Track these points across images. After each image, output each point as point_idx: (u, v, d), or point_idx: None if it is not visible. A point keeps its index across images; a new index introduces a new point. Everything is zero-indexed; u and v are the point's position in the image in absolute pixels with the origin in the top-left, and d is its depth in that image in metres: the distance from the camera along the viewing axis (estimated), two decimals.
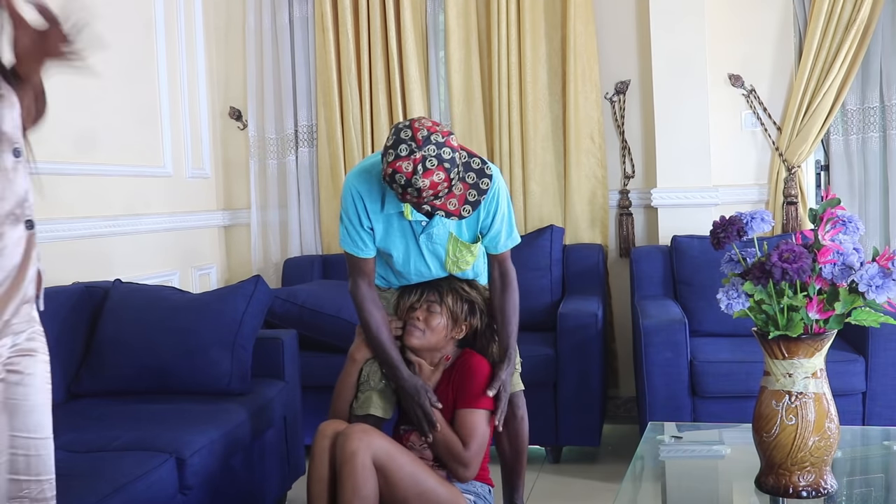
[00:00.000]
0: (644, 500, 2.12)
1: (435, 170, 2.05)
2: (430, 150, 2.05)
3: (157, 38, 3.82)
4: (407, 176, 2.04)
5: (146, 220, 3.68)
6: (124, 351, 2.81)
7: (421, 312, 2.39)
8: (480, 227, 2.38)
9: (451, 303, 2.41)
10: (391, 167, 2.06)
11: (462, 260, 2.44)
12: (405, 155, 2.05)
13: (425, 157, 2.05)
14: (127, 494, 2.04)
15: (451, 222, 2.35)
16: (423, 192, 2.05)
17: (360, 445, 2.12)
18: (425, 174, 2.04)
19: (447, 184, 2.08)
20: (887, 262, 1.71)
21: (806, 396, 1.80)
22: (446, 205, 2.11)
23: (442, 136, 2.08)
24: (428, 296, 2.41)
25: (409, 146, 2.06)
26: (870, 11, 3.59)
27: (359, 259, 2.37)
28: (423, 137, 2.06)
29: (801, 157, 3.77)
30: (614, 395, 3.99)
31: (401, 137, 2.08)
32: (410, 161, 2.05)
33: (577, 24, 3.87)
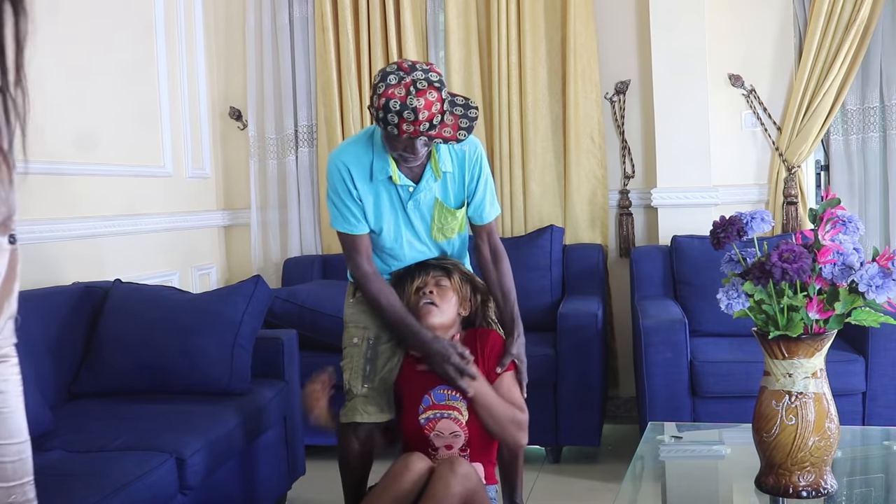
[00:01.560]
0: (644, 500, 2.12)
1: (427, 89, 2.10)
2: (418, 74, 2.11)
3: (157, 38, 3.82)
4: (401, 100, 2.08)
5: (146, 220, 3.68)
6: (124, 351, 2.81)
7: (432, 287, 2.37)
8: (466, 193, 2.42)
9: (458, 279, 2.43)
10: (384, 97, 2.10)
11: (447, 227, 2.46)
12: (395, 82, 2.10)
13: (415, 80, 2.10)
14: (127, 494, 2.04)
15: (437, 186, 2.38)
16: (419, 112, 2.08)
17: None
18: (418, 94, 2.09)
19: (440, 106, 2.12)
20: (887, 262, 1.71)
21: (806, 396, 1.80)
22: (442, 132, 2.15)
23: (426, 65, 2.16)
24: (434, 273, 2.41)
25: (397, 75, 2.11)
26: (870, 11, 3.59)
27: (353, 237, 2.38)
28: (408, 66, 2.13)
29: (801, 157, 3.77)
30: (614, 395, 3.99)
31: (387, 70, 2.13)
32: (402, 86, 2.09)
33: (577, 24, 3.87)
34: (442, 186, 2.40)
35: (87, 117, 3.33)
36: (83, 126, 3.30)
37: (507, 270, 2.50)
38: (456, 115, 2.17)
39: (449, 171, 2.38)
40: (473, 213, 2.47)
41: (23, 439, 1.35)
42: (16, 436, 1.33)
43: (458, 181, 2.41)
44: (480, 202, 2.45)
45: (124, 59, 3.60)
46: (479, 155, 2.42)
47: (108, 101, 3.45)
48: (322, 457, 3.45)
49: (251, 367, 2.86)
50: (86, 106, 3.32)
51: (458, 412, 2.35)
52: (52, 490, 1.94)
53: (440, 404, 2.35)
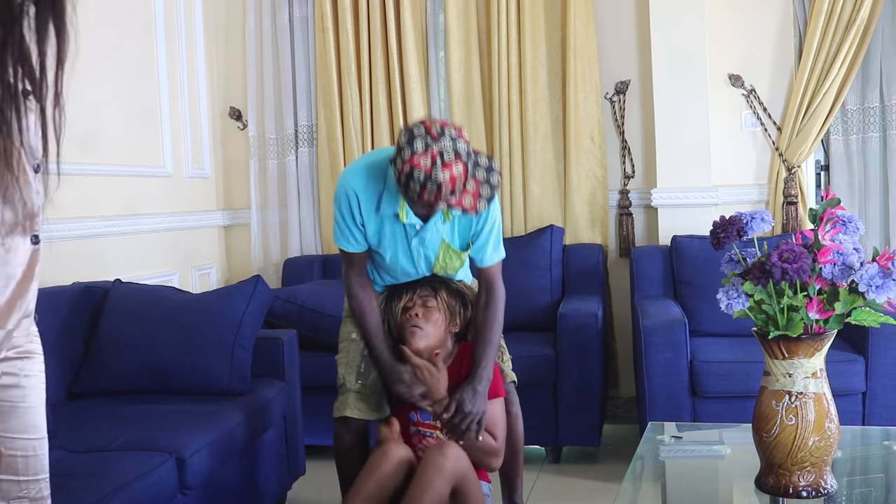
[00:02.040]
0: (644, 500, 2.12)
1: (453, 162, 2.03)
2: (446, 143, 2.04)
3: (157, 38, 3.82)
4: (426, 171, 2.02)
5: (146, 220, 3.68)
6: (124, 351, 2.81)
7: (418, 309, 2.36)
8: (472, 234, 2.38)
9: (445, 296, 2.40)
10: (408, 164, 2.03)
11: (450, 265, 2.44)
12: (422, 150, 2.02)
13: (442, 151, 2.03)
14: (127, 494, 2.04)
15: (445, 228, 2.35)
16: (443, 186, 2.03)
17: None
18: (444, 167, 2.02)
19: (464, 176, 2.06)
20: (887, 262, 1.71)
21: (806, 396, 1.80)
22: (462, 201, 2.09)
23: (455, 131, 2.07)
24: (421, 291, 2.39)
25: (424, 141, 2.03)
26: (870, 11, 3.59)
27: (350, 253, 2.39)
28: (437, 132, 2.04)
29: (801, 157, 3.77)
30: (614, 395, 3.99)
31: (414, 134, 2.05)
32: (428, 156, 2.02)
33: (577, 24, 3.87)
34: (450, 227, 2.36)
35: (87, 117, 3.32)
36: (83, 126, 3.29)
37: (493, 317, 2.39)
38: (478, 180, 2.11)
39: (458, 214, 2.33)
40: (475, 255, 2.41)
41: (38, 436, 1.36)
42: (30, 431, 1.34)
43: (465, 223, 2.36)
44: (482, 246, 2.38)
45: (124, 59, 3.60)
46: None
47: (108, 101, 3.45)
48: (322, 457, 3.45)
49: (251, 367, 2.86)
50: (86, 106, 3.31)
51: (441, 431, 2.36)
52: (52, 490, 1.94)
53: (425, 423, 2.36)
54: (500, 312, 2.42)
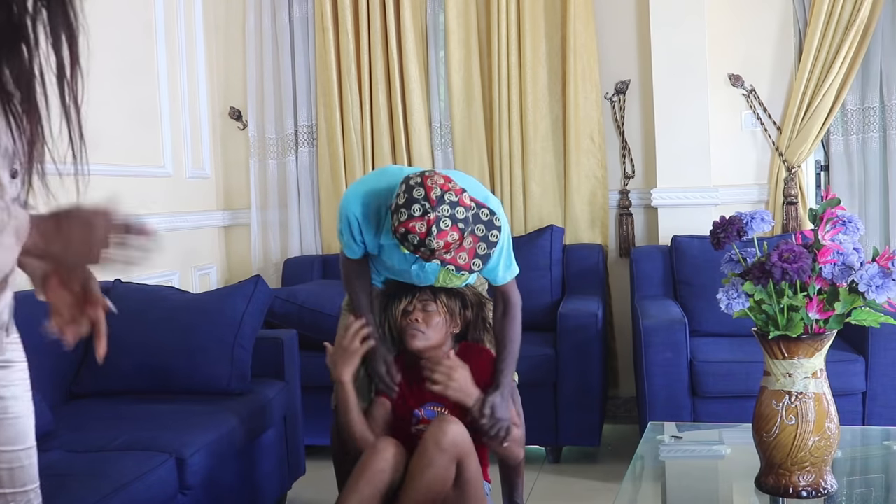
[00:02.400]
0: (644, 500, 2.12)
1: (449, 230, 2.02)
2: (444, 210, 2.02)
3: (157, 38, 3.82)
4: (420, 236, 2.01)
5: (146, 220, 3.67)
6: (124, 351, 2.80)
7: (418, 313, 2.37)
8: None
9: (444, 299, 2.40)
10: (403, 227, 2.02)
11: (450, 284, 2.45)
12: (418, 215, 2.01)
13: (439, 218, 2.01)
14: (127, 494, 2.04)
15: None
16: (437, 251, 2.03)
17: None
18: (439, 235, 2.01)
19: (459, 236, 2.05)
20: (887, 262, 1.71)
21: (806, 396, 1.80)
22: (456, 259, 2.08)
23: (455, 195, 2.05)
24: (420, 295, 2.40)
25: (422, 206, 2.01)
26: (870, 11, 3.59)
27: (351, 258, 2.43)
28: (436, 197, 2.02)
29: (801, 157, 3.77)
30: (614, 395, 3.99)
31: (413, 196, 2.03)
32: (424, 222, 2.01)
33: (577, 24, 3.87)
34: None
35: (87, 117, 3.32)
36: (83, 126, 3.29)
37: (512, 327, 2.40)
38: (476, 236, 2.10)
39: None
40: (488, 275, 2.41)
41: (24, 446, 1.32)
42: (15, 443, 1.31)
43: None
44: (494, 268, 2.36)
45: (124, 59, 3.60)
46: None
47: (108, 101, 3.45)
48: (322, 457, 3.45)
49: (251, 367, 2.86)
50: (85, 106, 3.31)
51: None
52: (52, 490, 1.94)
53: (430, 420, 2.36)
54: (517, 322, 2.42)
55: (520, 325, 2.43)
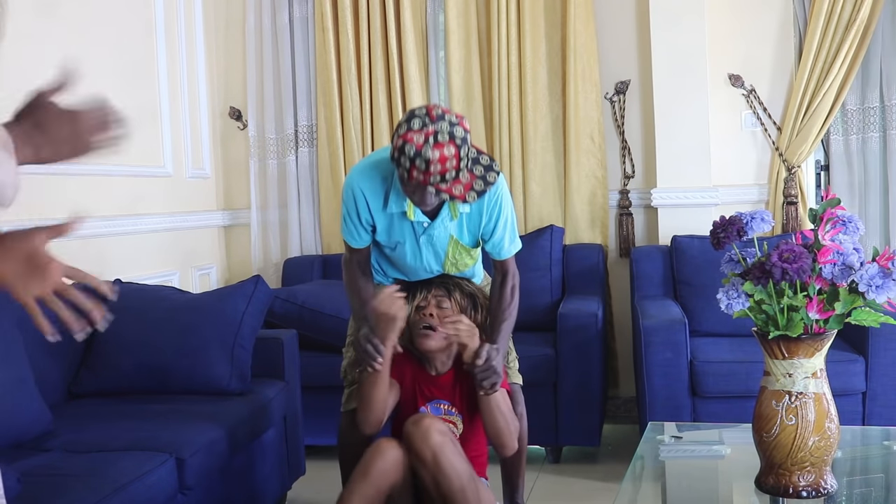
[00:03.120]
0: (644, 500, 2.12)
1: (446, 144, 2.03)
2: (443, 126, 2.04)
3: (157, 38, 3.82)
4: (417, 147, 2.03)
5: (146, 220, 3.68)
6: (124, 351, 2.81)
7: (432, 309, 2.34)
8: (482, 232, 2.38)
9: (458, 297, 2.39)
10: (402, 139, 2.05)
11: (461, 262, 2.45)
12: (417, 128, 2.04)
13: (437, 132, 2.03)
14: (127, 494, 2.04)
15: (453, 225, 2.35)
16: (431, 164, 2.03)
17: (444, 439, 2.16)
18: (436, 146, 2.02)
19: (456, 162, 2.05)
20: (887, 262, 1.71)
21: (806, 396, 1.80)
22: (452, 189, 2.09)
23: (456, 118, 2.08)
24: (435, 291, 2.38)
25: (422, 120, 2.05)
26: (870, 11, 3.59)
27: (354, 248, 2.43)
28: (437, 115, 2.06)
29: (801, 157, 3.77)
30: (614, 395, 3.99)
31: (414, 114, 2.08)
32: (422, 133, 2.03)
33: (577, 24, 3.87)
34: (458, 225, 2.36)
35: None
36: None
37: (508, 291, 2.43)
38: (473, 174, 2.13)
39: (466, 211, 2.34)
40: (492, 250, 2.43)
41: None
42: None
43: (475, 221, 2.36)
44: (500, 241, 2.39)
45: (124, 59, 3.60)
46: (499, 195, 2.35)
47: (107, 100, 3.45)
48: (322, 457, 3.45)
49: (251, 367, 2.86)
50: None
51: (454, 426, 2.36)
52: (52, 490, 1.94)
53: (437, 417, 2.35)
54: (517, 292, 2.45)
55: (518, 297, 2.45)
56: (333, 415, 3.15)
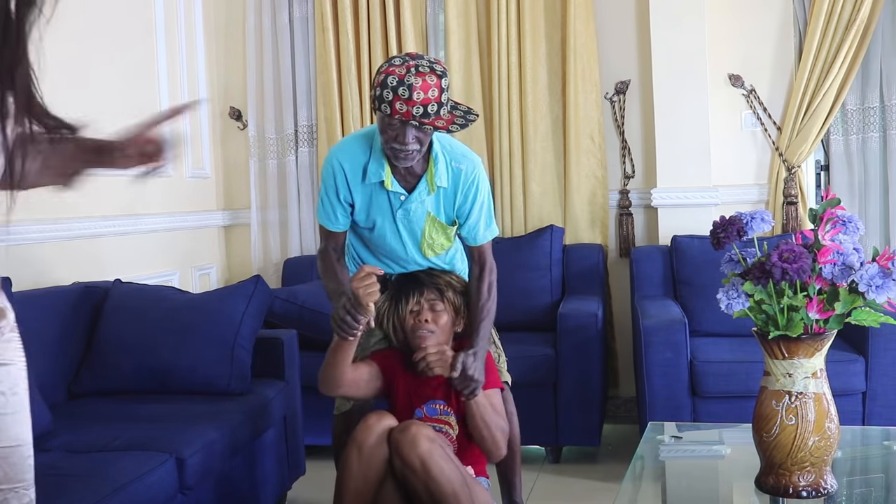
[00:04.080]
0: (644, 500, 2.12)
1: (427, 73, 2.08)
2: (423, 61, 2.11)
3: (157, 38, 3.82)
4: (399, 77, 2.07)
5: (146, 220, 3.68)
6: (124, 351, 2.81)
7: (427, 314, 2.35)
8: (457, 212, 2.40)
9: (451, 297, 2.41)
10: (383, 73, 2.10)
11: (437, 243, 2.45)
12: (398, 63, 2.10)
13: (418, 65, 2.09)
14: (127, 494, 2.04)
15: (430, 200, 2.35)
16: (415, 91, 2.06)
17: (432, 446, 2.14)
18: (418, 74, 2.07)
19: (438, 93, 2.09)
20: (887, 262, 1.71)
21: (806, 396, 1.80)
22: (434, 122, 2.12)
23: (433, 59, 2.15)
24: (427, 294, 2.39)
25: (402, 58, 2.12)
26: (870, 11, 3.59)
27: (329, 231, 2.42)
28: (415, 55, 2.14)
29: (801, 157, 3.77)
30: (614, 395, 3.99)
31: (393, 57, 2.16)
32: (404, 66, 2.09)
33: (577, 24, 3.87)
34: (435, 200, 2.37)
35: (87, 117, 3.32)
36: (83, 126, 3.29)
37: (485, 289, 2.42)
38: (454, 114, 2.17)
39: (444, 186, 2.34)
40: (467, 235, 2.44)
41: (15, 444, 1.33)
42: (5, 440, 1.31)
43: (451, 198, 2.37)
44: (475, 225, 2.41)
45: (124, 59, 3.60)
46: (475, 175, 2.36)
47: (108, 101, 3.45)
48: (322, 457, 3.45)
49: (251, 367, 2.86)
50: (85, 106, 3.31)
51: (450, 426, 2.36)
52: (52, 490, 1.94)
53: (432, 418, 2.36)
54: (494, 287, 2.45)
55: (496, 291, 2.45)
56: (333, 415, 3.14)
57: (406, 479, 2.16)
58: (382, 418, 2.23)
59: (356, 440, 2.21)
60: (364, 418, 2.25)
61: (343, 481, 2.21)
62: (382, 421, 2.22)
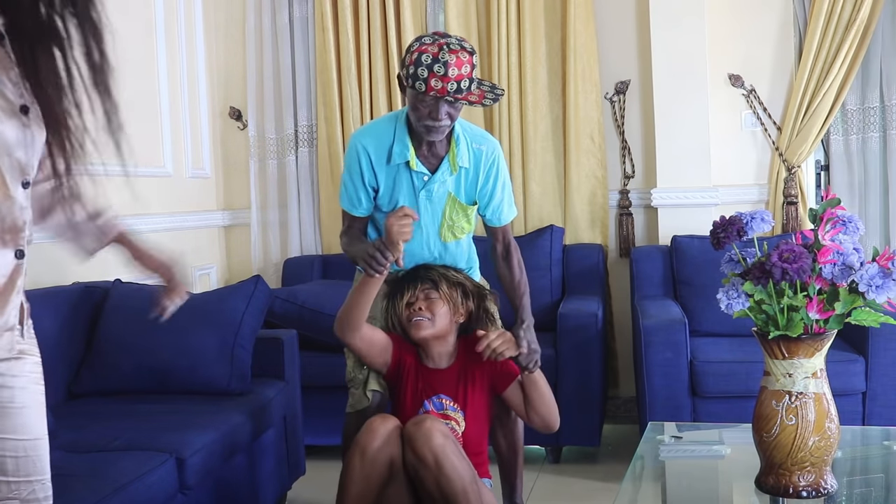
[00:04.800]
0: (644, 500, 2.12)
1: (460, 50, 2.14)
2: (452, 39, 2.17)
3: (157, 38, 3.82)
4: (433, 55, 2.13)
5: (146, 220, 3.67)
6: (124, 351, 2.81)
7: (421, 303, 2.38)
8: (479, 193, 2.45)
9: (446, 289, 2.42)
10: (416, 52, 2.15)
11: (457, 225, 2.49)
12: (429, 42, 2.16)
13: (448, 43, 2.15)
14: (127, 494, 2.04)
15: (451, 181, 2.40)
16: (449, 68, 2.12)
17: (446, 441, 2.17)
18: (451, 52, 2.13)
19: (469, 70, 2.15)
20: (887, 262, 1.71)
21: (806, 396, 1.80)
22: (468, 97, 2.19)
23: (460, 36, 2.22)
24: (422, 286, 2.41)
25: (432, 37, 2.18)
26: (870, 11, 3.59)
27: (352, 216, 2.48)
28: (443, 33, 2.20)
29: (801, 157, 3.77)
30: (614, 395, 3.99)
31: (422, 35, 2.21)
32: (435, 44, 2.15)
33: (577, 24, 3.87)
34: (456, 181, 2.43)
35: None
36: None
37: (516, 265, 2.55)
38: (483, 90, 2.23)
39: (465, 166, 2.40)
40: (491, 216, 2.51)
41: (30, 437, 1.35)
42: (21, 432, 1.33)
43: (472, 179, 2.44)
44: (499, 204, 2.49)
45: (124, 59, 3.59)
46: (495, 156, 2.45)
47: None
48: (322, 457, 3.45)
49: (251, 367, 2.86)
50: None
51: (456, 422, 2.37)
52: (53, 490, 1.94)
53: (438, 413, 2.37)
54: (522, 263, 2.57)
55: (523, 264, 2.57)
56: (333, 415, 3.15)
57: (417, 473, 2.18)
58: (386, 421, 2.24)
59: (359, 444, 2.21)
60: (368, 421, 2.26)
61: (345, 485, 2.22)
62: (386, 424, 2.23)
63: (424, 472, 2.15)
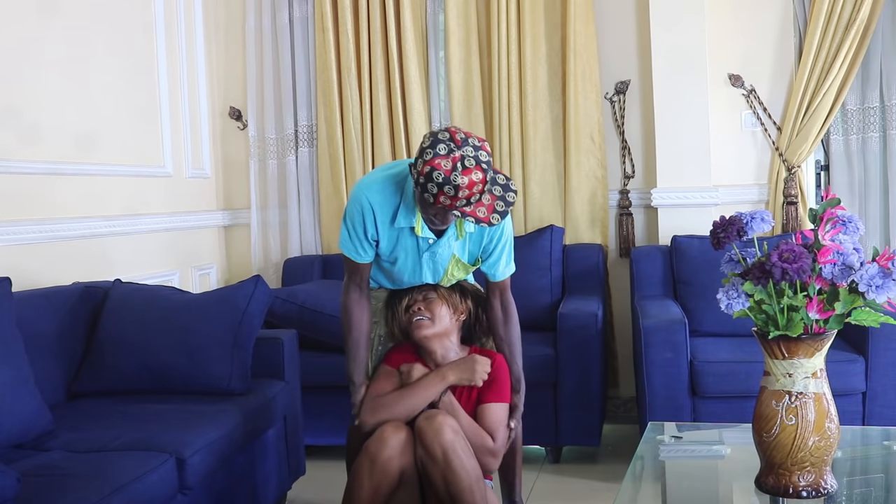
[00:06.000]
0: (644, 500, 2.12)
1: (473, 169, 2.05)
2: (469, 150, 2.06)
3: (157, 38, 3.82)
4: (445, 173, 2.03)
5: (146, 220, 3.68)
6: (124, 351, 2.81)
7: (420, 304, 2.41)
8: (482, 251, 2.42)
9: (444, 291, 2.45)
10: (429, 165, 2.04)
11: (456, 277, 2.49)
12: (444, 153, 2.04)
13: (464, 157, 2.05)
14: (127, 494, 2.04)
15: (456, 244, 2.38)
16: (461, 190, 2.04)
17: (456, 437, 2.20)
18: (464, 172, 2.04)
19: (482, 186, 2.07)
20: (887, 262, 1.71)
21: (806, 396, 1.80)
22: (476, 212, 2.11)
23: (478, 142, 2.10)
24: (421, 288, 2.45)
25: (447, 146, 2.06)
26: (870, 11, 3.59)
27: (355, 263, 2.40)
28: (461, 139, 2.07)
29: (801, 157, 3.77)
30: (614, 395, 3.99)
31: (438, 138, 2.08)
32: (449, 159, 2.04)
33: (577, 24, 3.87)
34: (461, 245, 2.40)
35: (87, 117, 3.33)
36: (83, 126, 3.30)
37: (514, 329, 2.52)
38: (494, 195, 2.15)
39: (471, 231, 2.37)
40: (488, 271, 2.47)
41: None
42: None
43: (476, 240, 2.41)
44: (495, 262, 2.44)
45: (124, 59, 3.60)
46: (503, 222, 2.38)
47: (108, 100, 3.45)
48: (322, 457, 3.45)
49: (251, 367, 2.86)
50: (86, 106, 3.32)
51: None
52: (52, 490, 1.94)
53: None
54: (518, 325, 2.53)
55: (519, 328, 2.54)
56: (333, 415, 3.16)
57: (425, 468, 2.19)
58: (398, 431, 2.24)
59: (369, 452, 2.22)
60: (379, 430, 2.26)
61: (353, 492, 2.22)
62: (398, 434, 2.23)
63: (432, 466, 2.17)
